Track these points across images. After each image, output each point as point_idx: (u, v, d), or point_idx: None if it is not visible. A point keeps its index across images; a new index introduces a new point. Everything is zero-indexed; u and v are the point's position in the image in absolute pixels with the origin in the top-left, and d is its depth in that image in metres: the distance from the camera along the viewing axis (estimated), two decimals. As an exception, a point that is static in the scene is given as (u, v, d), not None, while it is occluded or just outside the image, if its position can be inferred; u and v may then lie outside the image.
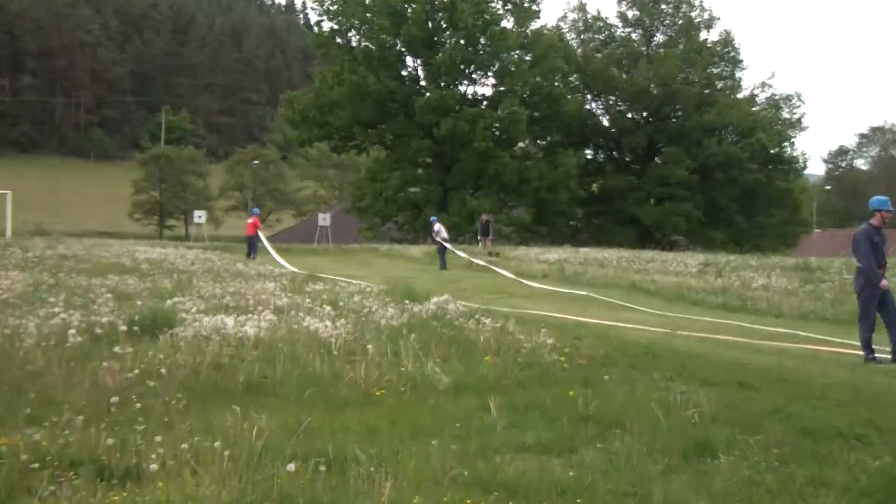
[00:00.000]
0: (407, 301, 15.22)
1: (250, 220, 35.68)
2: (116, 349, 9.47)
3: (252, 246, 34.74)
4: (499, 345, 11.19)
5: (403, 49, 58.86)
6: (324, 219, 50.00)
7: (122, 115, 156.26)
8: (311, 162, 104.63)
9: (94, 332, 10.83)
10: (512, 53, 58.22)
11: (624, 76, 64.44)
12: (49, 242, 33.70)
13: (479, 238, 40.05)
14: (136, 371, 8.76)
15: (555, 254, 35.89)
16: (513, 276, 27.01)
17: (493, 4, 58.20)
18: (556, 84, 59.56)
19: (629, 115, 65.56)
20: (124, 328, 10.64)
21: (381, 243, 49.30)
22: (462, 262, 32.47)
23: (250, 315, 12.45)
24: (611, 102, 66.44)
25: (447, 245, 33.21)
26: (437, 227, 34.09)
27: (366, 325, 12.32)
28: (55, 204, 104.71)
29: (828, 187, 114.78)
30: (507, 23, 58.88)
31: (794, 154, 65.73)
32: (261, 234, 35.15)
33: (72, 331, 10.40)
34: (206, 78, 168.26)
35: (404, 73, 59.99)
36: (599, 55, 65.37)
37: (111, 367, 8.76)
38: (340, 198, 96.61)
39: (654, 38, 67.59)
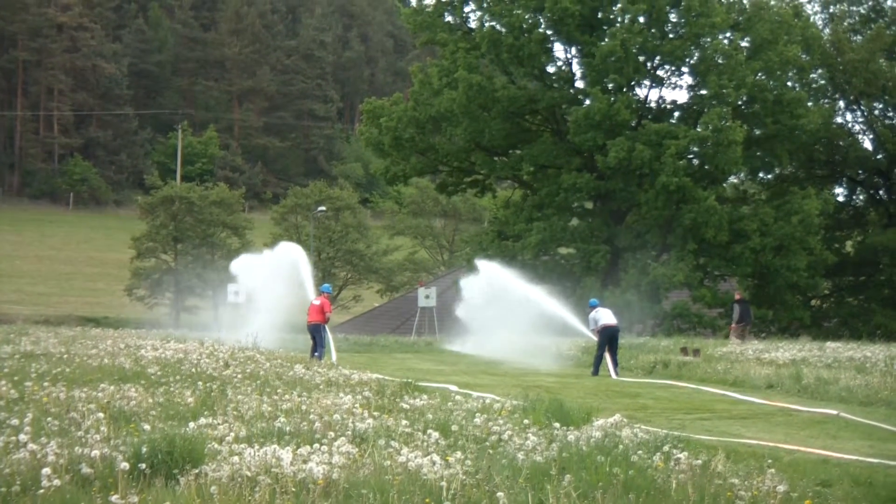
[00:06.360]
0: (556, 424, 15.50)
1: (316, 302, 36.47)
2: (114, 498, 9.81)
3: (318, 339, 35.51)
4: (701, 493, 11.34)
5: (550, 31, 59.40)
6: (426, 296, 50.80)
7: (117, 136, 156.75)
8: (406, 208, 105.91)
9: (79, 471, 11.22)
10: (720, 36, 58.21)
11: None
12: (7, 334, 34.87)
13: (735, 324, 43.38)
14: (147, 532, 9.09)
15: (786, 350, 35.82)
16: (714, 390, 26.99)
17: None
18: (788, 84, 59.49)
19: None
20: (125, 466, 11.03)
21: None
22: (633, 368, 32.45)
23: (317, 446, 12.84)
24: (876, 113, 65.93)
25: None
26: (596, 314, 33.84)
27: (494, 462, 12.52)
28: (14, 276, 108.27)
29: None
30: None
31: None
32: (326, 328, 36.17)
33: (46, 470, 10.72)
34: (244, 79, 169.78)
35: (551, 69, 60.89)
36: (859, 38, 64.93)
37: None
38: (451, 264, 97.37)
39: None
